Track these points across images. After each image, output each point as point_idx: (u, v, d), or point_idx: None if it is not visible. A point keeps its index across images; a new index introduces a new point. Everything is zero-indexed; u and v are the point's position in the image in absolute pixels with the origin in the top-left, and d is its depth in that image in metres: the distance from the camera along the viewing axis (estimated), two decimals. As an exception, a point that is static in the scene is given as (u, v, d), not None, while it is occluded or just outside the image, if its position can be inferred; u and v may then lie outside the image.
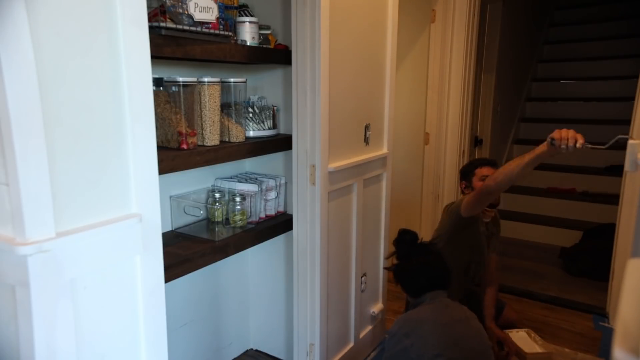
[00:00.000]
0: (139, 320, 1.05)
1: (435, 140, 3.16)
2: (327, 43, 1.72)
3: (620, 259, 2.57)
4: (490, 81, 3.72)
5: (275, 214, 2.02)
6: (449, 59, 3.04)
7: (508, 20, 3.80)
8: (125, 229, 0.98)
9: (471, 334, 1.68)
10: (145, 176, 1.02)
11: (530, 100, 4.88)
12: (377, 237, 2.33)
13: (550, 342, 2.40)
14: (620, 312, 0.61)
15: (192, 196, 1.86)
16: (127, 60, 0.96)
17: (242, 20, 1.74)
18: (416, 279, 1.78)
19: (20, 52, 0.78)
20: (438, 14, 3.01)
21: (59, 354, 0.89)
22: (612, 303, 2.68)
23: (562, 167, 4.24)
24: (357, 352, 2.24)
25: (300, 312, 1.95)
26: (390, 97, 2.23)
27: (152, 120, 1.02)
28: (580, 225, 3.73)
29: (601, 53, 4.73)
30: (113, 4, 0.93)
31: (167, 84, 1.54)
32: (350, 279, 2.13)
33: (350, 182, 2.01)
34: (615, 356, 0.53)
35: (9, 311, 0.88)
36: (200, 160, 1.52)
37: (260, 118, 1.89)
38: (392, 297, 2.81)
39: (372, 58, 2.08)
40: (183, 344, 1.97)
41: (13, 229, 0.83)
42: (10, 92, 0.78)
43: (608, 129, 4.23)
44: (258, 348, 2.34)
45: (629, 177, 2.52)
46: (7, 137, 0.79)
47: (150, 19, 1.27)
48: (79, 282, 0.91)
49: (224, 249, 1.69)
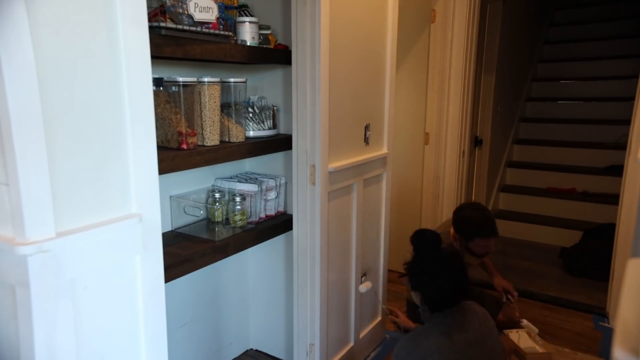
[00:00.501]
0: (139, 320, 1.05)
1: (435, 140, 3.16)
2: (327, 43, 1.72)
3: (620, 259, 2.57)
4: (490, 81, 3.72)
5: (275, 214, 2.02)
6: (449, 59, 3.04)
7: (508, 20, 3.79)
8: (125, 229, 0.98)
9: (485, 356, 1.58)
10: (145, 176, 1.02)
11: (530, 100, 4.87)
12: (377, 237, 2.33)
13: (550, 342, 2.40)
14: (620, 312, 0.61)
15: (192, 196, 1.86)
16: (127, 60, 0.96)
17: (242, 20, 1.74)
18: (436, 290, 1.60)
19: (20, 52, 0.78)
20: (438, 14, 3.01)
21: (59, 354, 0.89)
22: (612, 303, 2.68)
23: (562, 167, 4.24)
24: (357, 352, 2.24)
25: (300, 312, 1.95)
26: (390, 97, 2.23)
27: (152, 120, 1.02)
28: (580, 225, 3.73)
29: (601, 53, 4.72)
30: (113, 4, 0.93)
31: (167, 84, 1.54)
32: (350, 279, 2.13)
33: (350, 182, 2.01)
34: (615, 356, 0.53)
35: (9, 311, 0.88)
36: (200, 160, 1.52)
37: (260, 118, 1.89)
38: (392, 297, 2.81)
39: (372, 58, 2.08)
40: (183, 344, 1.97)
41: (13, 229, 0.83)
42: (10, 92, 0.78)
43: (608, 129, 4.24)
44: (258, 348, 2.34)
45: (629, 177, 2.52)
46: (7, 137, 0.79)
47: (150, 19, 1.27)
48: (79, 282, 0.91)
49: (224, 249, 1.69)
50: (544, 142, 4.49)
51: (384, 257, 2.39)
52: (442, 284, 1.59)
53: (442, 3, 2.98)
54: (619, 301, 0.65)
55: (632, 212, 2.43)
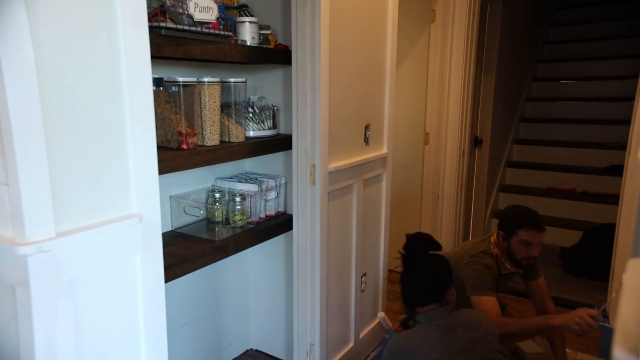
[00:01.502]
0: (139, 320, 1.05)
1: (435, 140, 3.16)
2: (327, 43, 1.72)
3: (620, 259, 2.57)
4: (490, 81, 3.71)
5: (275, 214, 2.02)
6: (449, 59, 3.04)
7: (508, 20, 3.79)
8: (125, 229, 0.98)
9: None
10: (145, 176, 1.02)
11: (530, 100, 4.87)
12: (377, 237, 2.33)
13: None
14: (620, 312, 0.61)
15: (192, 196, 1.86)
16: (127, 60, 0.96)
17: (242, 20, 1.74)
18: (415, 285, 1.61)
19: (20, 52, 0.78)
20: (438, 14, 3.00)
21: (59, 354, 0.89)
22: (612, 303, 2.68)
23: (562, 167, 4.24)
24: (357, 352, 2.24)
25: (300, 312, 1.95)
26: (390, 97, 2.23)
27: (152, 120, 1.02)
28: (580, 225, 3.73)
29: (601, 53, 4.72)
30: (113, 4, 0.93)
31: (167, 84, 1.54)
32: (350, 279, 2.13)
33: (350, 182, 2.01)
34: (615, 356, 0.53)
35: (9, 311, 0.88)
36: (200, 160, 1.52)
37: (260, 118, 1.89)
38: (392, 297, 2.81)
39: (372, 58, 2.08)
40: (183, 344, 1.97)
41: (13, 229, 0.83)
42: (10, 92, 0.78)
43: (608, 129, 4.24)
44: (258, 348, 2.34)
45: (629, 177, 2.52)
46: (7, 137, 0.79)
47: (150, 19, 1.27)
48: (79, 282, 0.91)
49: (224, 249, 1.69)
50: (544, 142, 4.49)
51: (383, 257, 2.39)
52: (417, 283, 1.60)
53: (442, 3, 2.98)
54: (619, 301, 0.65)
55: (632, 212, 2.43)
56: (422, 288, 1.60)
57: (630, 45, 4.54)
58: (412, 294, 1.62)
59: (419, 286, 1.61)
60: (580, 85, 4.73)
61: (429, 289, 1.59)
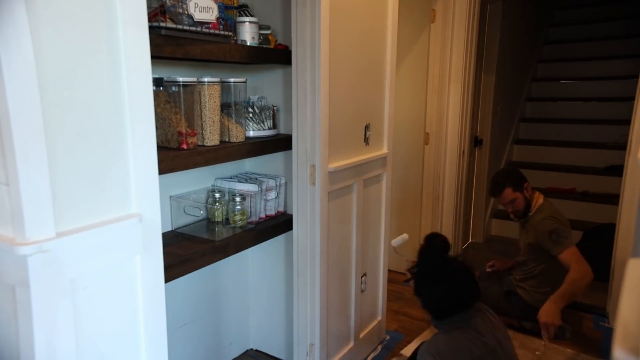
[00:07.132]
0: (139, 320, 1.05)
1: (435, 140, 3.16)
2: (327, 43, 1.72)
3: (620, 259, 2.57)
4: (490, 81, 3.72)
5: (275, 214, 2.02)
6: (449, 59, 3.04)
7: (508, 20, 3.79)
8: (125, 229, 0.98)
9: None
10: (145, 176, 1.02)
11: (530, 100, 4.87)
12: (377, 237, 2.33)
13: (551, 341, 2.40)
14: (620, 312, 0.61)
15: (192, 196, 1.86)
16: (127, 60, 0.96)
17: (242, 20, 1.74)
18: (443, 296, 1.62)
19: (20, 52, 0.78)
20: (438, 14, 3.00)
21: (59, 354, 0.89)
22: (612, 303, 2.68)
23: (562, 167, 4.24)
24: (357, 352, 2.24)
25: (300, 312, 1.95)
26: (390, 97, 2.23)
27: (152, 120, 1.02)
28: (580, 225, 3.72)
29: (601, 53, 4.72)
30: (113, 5, 0.93)
31: (167, 84, 1.54)
32: (350, 279, 2.13)
33: (350, 182, 2.01)
34: (615, 356, 0.53)
35: (9, 311, 0.88)
36: (200, 160, 1.52)
37: (260, 118, 1.89)
38: (393, 297, 2.81)
39: (372, 58, 2.08)
40: (183, 344, 1.97)
41: (13, 229, 0.83)
42: (10, 92, 0.78)
43: (608, 129, 4.24)
44: (258, 348, 2.34)
45: (629, 177, 2.52)
46: (7, 137, 0.79)
47: (150, 19, 1.27)
48: (79, 282, 0.91)
49: (224, 249, 1.69)
50: (544, 142, 4.49)
51: (384, 257, 2.39)
52: (440, 293, 1.62)
53: (442, 3, 2.98)
54: (619, 301, 0.65)
55: (632, 212, 2.43)
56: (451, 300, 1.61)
57: (630, 45, 4.54)
58: (441, 309, 1.64)
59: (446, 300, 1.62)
60: (580, 85, 4.73)
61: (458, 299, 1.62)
